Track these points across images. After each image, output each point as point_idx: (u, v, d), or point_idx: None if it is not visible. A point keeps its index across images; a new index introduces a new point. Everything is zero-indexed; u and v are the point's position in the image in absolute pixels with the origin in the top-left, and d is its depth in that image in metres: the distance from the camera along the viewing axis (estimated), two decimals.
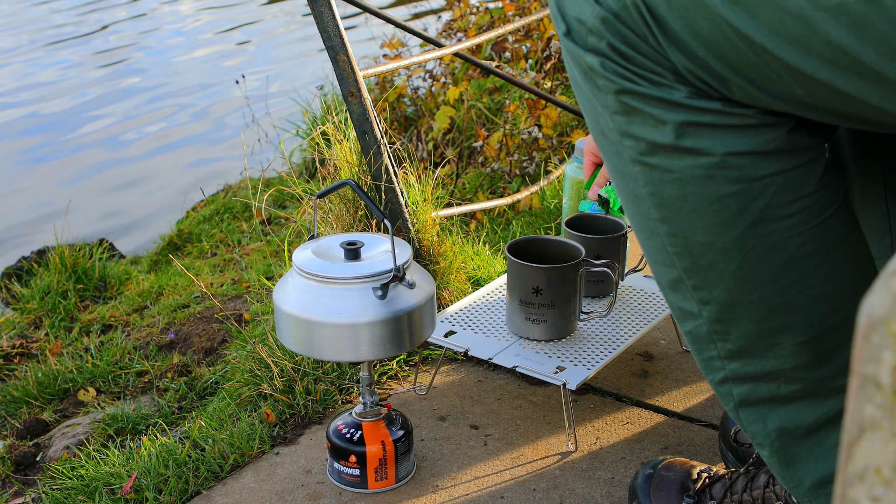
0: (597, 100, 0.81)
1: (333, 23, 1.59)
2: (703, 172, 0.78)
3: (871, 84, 0.68)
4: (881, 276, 0.35)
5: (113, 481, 1.32)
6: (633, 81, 0.77)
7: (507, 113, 2.73)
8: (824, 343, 0.84)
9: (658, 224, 0.84)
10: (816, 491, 0.90)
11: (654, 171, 0.80)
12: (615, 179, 0.86)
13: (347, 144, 1.67)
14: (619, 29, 0.75)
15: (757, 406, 0.89)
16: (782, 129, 0.77)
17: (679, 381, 1.52)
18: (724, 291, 0.83)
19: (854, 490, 0.35)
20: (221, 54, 6.67)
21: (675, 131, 0.77)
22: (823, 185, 0.80)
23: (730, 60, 0.72)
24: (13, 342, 2.21)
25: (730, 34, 0.71)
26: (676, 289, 0.87)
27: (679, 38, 0.73)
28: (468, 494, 1.26)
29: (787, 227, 0.80)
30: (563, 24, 0.80)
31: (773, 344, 0.85)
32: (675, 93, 0.76)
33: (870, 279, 0.85)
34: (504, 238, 2.11)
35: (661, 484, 1.15)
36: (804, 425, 0.88)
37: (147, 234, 3.55)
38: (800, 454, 0.89)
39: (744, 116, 0.76)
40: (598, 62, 0.77)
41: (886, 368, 0.33)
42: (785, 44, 0.69)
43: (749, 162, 0.77)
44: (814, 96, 0.72)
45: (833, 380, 0.86)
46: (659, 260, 0.87)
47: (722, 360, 0.88)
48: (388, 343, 1.15)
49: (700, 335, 0.88)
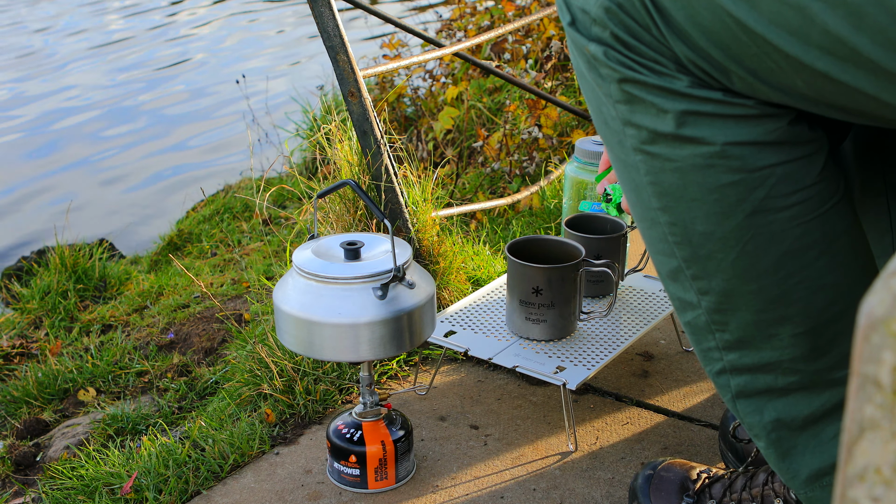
0: (600, 89, 0.81)
1: (333, 23, 1.59)
2: (703, 161, 0.79)
3: (868, 74, 0.68)
4: (881, 276, 0.35)
5: (113, 481, 1.32)
6: (635, 70, 0.77)
7: (507, 113, 2.73)
8: (822, 335, 0.85)
9: (659, 213, 0.84)
10: (812, 483, 0.90)
11: (655, 159, 0.81)
12: (617, 168, 0.86)
13: (348, 144, 1.67)
14: (622, 18, 0.76)
15: (754, 397, 0.89)
16: (783, 120, 0.78)
17: (679, 381, 1.52)
18: (722, 281, 0.84)
19: (854, 490, 0.35)
20: (221, 54, 6.67)
21: (676, 120, 0.78)
22: (824, 177, 0.81)
23: (731, 51, 0.73)
24: (13, 342, 2.21)
25: (731, 24, 0.71)
26: (676, 279, 0.87)
27: (681, 29, 0.74)
28: (468, 494, 1.26)
29: (786, 218, 0.80)
30: (567, 14, 0.81)
31: (770, 335, 0.85)
32: (676, 82, 0.77)
33: (869, 273, 0.86)
34: (504, 238, 2.11)
35: (660, 485, 1.15)
36: (801, 417, 0.88)
37: (147, 234, 3.55)
38: (796, 446, 0.89)
39: (744, 107, 0.77)
40: (601, 51, 0.78)
41: (886, 368, 0.33)
42: (784, 34, 0.69)
43: (749, 152, 0.78)
44: (813, 88, 0.72)
45: (830, 372, 0.86)
46: (659, 250, 0.87)
47: (720, 351, 0.89)
48: (388, 343, 1.15)
49: (699, 326, 0.88)
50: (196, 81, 5.95)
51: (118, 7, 8.55)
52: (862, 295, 0.84)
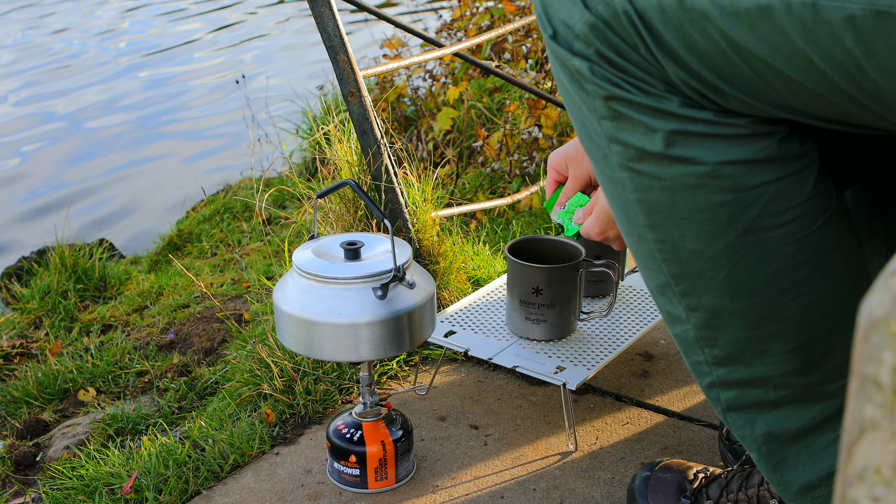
0: (584, 104, 0.79)
1: (333, 23, 1.59)
2: (693, 181, 0.77)
3: (870, 99, 0.68)
4: (881, 276, 0.35)
5: (113, 481, 1.32)
6: (622, 89, 0.75)
7: (507, 113, 2.73)
8: (813, 350, 0.83)
9: (646, 230, 0.82)
10: (804, 495, 0.89)
11: (643, 177, 0.79)
12: (602, 184, 0.85)
13: (348, 144, 1.67)
14: (608, 37, 0.74)
15: (745, 411, 0.88)
16: (774, 138, 0.76)
17: (679, 381, 1.52)
18: (712, 299, 0.82)
19: (854, 490, 0.35)
20: (221, 53, 6.67)
21: (665, 140, 0.76)
22: (816, 192, 0.79)
23: (724, 73, 0.72)
24: (13, 342, 2.21)
25: (725, 48, 0.70)
26: (664, 293, 0.86)
27: (672, 50, 0.72)
28: (468, 494, 1.26)
29: (778, 237, 0.79)
30: (549, 27, 0.79)
31: (761, 351, 0.84)
32: (666, 102, 0.75)
33: (861, 284, 0.84)
34: (504, 238, 2.11)
35: (658, 486, 1.15)
36: (792, 430, 0.87)
37: (147, 234, 3.55)
38: (787, 458, 0.88)
39: (736, 126, 0.75)
40: (586, 67, 0.76)
41: (886, 368, 0.33)
42: (785, 57, 0.68)
43: (741, 171, 0.76)
44: (810, 106, 0.72)
45: (821, 385, 0.85)
46: (647, 265, 0.86)
47: (709, 366, 0.87)
48: (388, 343, 1.15)
49: (687, 340, 0.87)
50: (195, 81, 5.95)
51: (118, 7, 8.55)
52: (854, 307, 0.83)
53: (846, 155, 0.93)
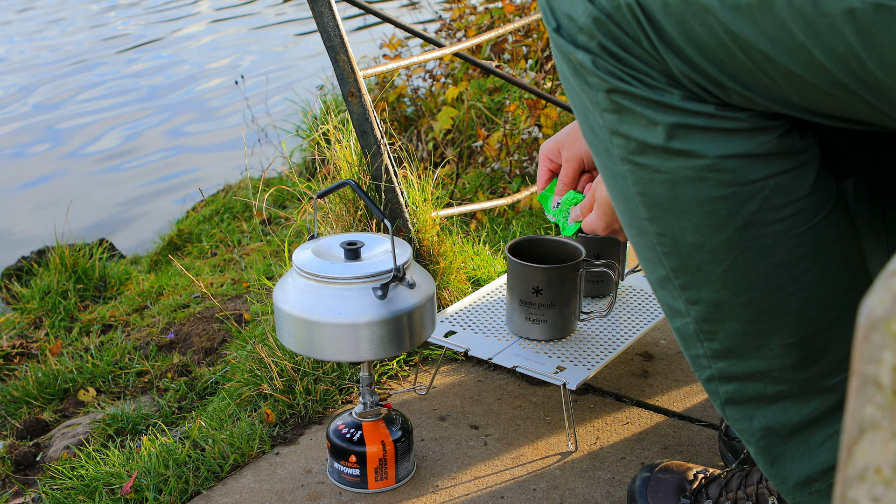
0: (586, 96, 0.80)
1: (333, 23, 1.59)
2: (693, 174, 0.78)
3: (870, 93, 0.68)
4: (881, 276, 0.35)
5: (113, 481, 1.32)
6: (625, 81, 0.76)
7: (507, 113, 2.73)
8: (812, 345, 0.84)
9: (646, 223, 0.83)
10: (801, 489, 0.90)
11: (644, 170, 0.80)
12: (604, 176, 0.85)
13: (347, 144, 1.67)
14: (611, 30, 0.75)
15: (743, 405, 0.89)
16: (775, 133, 0.77)
17: (679, 381, 1.52)
18: (712, 292, 0.83)
19: (854, 490, 0.35)
20: (220, 54, 6.67)
21: (667, 133, 0.76)
22: (816, 187, 0.80)
23: (725, 66, 0.72)
24: (13, 342, 2.21)
25: (727, 41, 0.70)
26: (664, 286, 0.87)
27: (674, 43, 0.73)
28: (468, 494, 1.26)
29: (778, 231, 0.79)
30: (552, 20, 0.79)
31: (760, 345, 0.84)
32: (667, 95, 0.75)
33: (860, 280, 0.85)
34: (504, 238, 2.11)
35: (658, 486, 1.15)
36: (790, 424, 0.88)
37: (147, 234, 3.55)
38: (785, 452, 0.89)
39: (737, 120, 0.76)
40: (589, 60, 0.77)
41: (886, 368, 0.33)
42: (785, 51, 0.69)
43: (741, 165, 0.77)
44: (811, 101, 0.72)
45: (820, 380, 0.85)
46: (647, 258, 0.86)
47: (708, 359, 0.88)
48: (388, 343, 1.15)
49: (687, 333, 0.88)
50: (195, 81, 5.95)
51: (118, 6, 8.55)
52: (853, 302, 0.83)
53: (846, 148, 0.93)
